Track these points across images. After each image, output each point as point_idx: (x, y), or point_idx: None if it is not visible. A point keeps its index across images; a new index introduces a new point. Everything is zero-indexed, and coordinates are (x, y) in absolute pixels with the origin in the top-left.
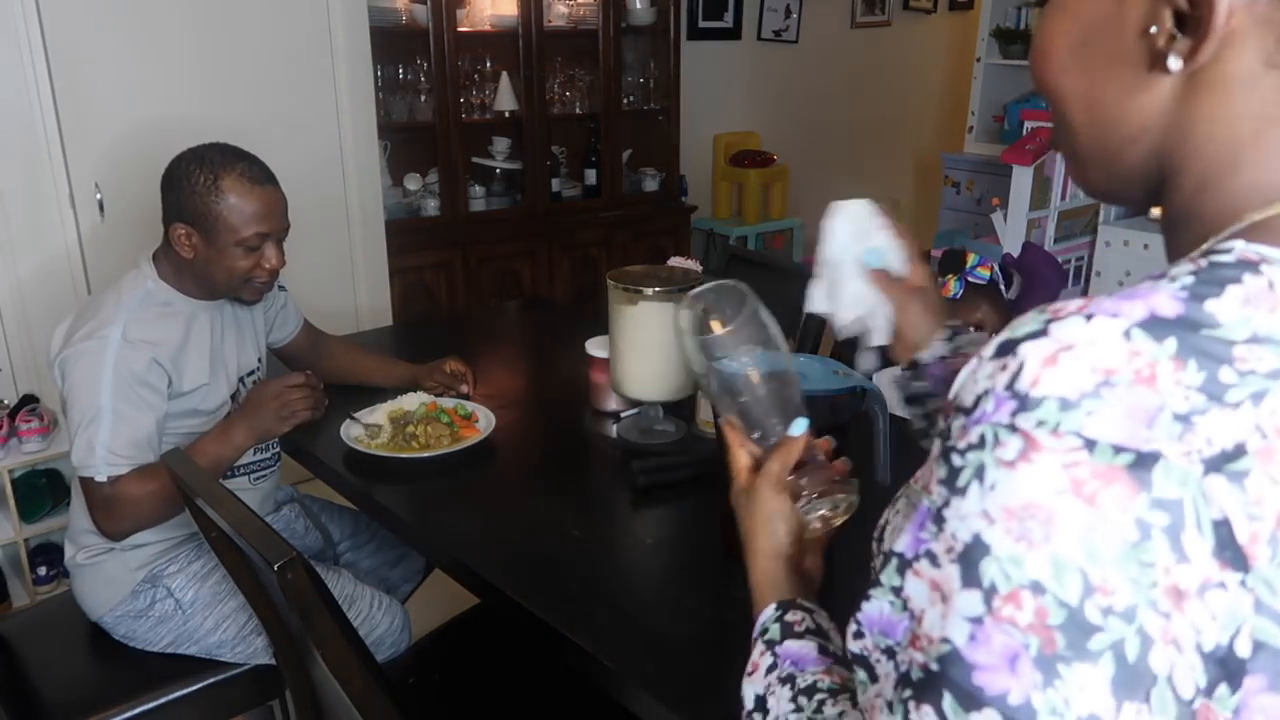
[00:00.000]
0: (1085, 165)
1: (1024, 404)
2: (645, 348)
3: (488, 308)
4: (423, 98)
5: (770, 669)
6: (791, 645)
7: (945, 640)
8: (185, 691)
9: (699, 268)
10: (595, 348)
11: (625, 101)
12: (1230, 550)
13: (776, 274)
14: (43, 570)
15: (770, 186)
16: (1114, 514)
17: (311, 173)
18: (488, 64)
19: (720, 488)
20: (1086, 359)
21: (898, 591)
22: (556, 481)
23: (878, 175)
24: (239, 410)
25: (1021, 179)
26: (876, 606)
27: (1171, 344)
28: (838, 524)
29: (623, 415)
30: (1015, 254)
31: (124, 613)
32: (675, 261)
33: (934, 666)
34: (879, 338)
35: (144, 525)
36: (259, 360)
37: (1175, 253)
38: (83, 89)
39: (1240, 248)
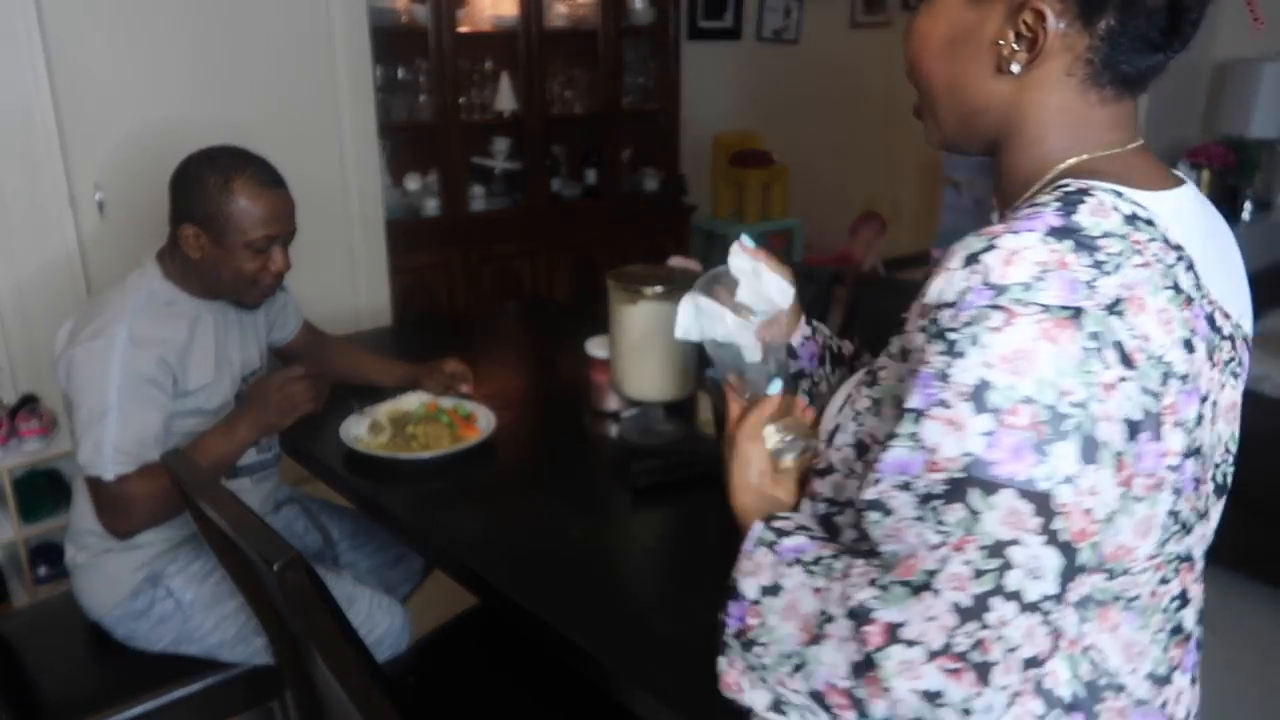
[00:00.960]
0: (942, 125)
1: (999, 291)
2: (645, 348)
3: (488, 308)
4: (423, 98)
5: (775, 564)
6: (787, 541)
7: (966, 454)
8: (185, 691)
9: (699, 268)
10: (595, 348)
11: (625, 101)
12: (1125, 359)
13: None
14: (43, 570)
15: (770, 186)
16: (1068, 346)
17: (311, 173)
18: (488, 64)
19: (720, 488)
20: (1029, 257)
21: (913, 436)
22: (556, 481)
23: (878, 175)
24: (241, 406)
25: None
26: (894, 455)
27: (1069, 242)
28: (804, 461)
29: (623, 415)
30: None
31: (124, 613)
32: (675, 261)
33: (958, 475)
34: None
35: (152, 523)
36: (261, 360)
37: (1005, 188)
38: (83, 89)
39: (1074, 183)
